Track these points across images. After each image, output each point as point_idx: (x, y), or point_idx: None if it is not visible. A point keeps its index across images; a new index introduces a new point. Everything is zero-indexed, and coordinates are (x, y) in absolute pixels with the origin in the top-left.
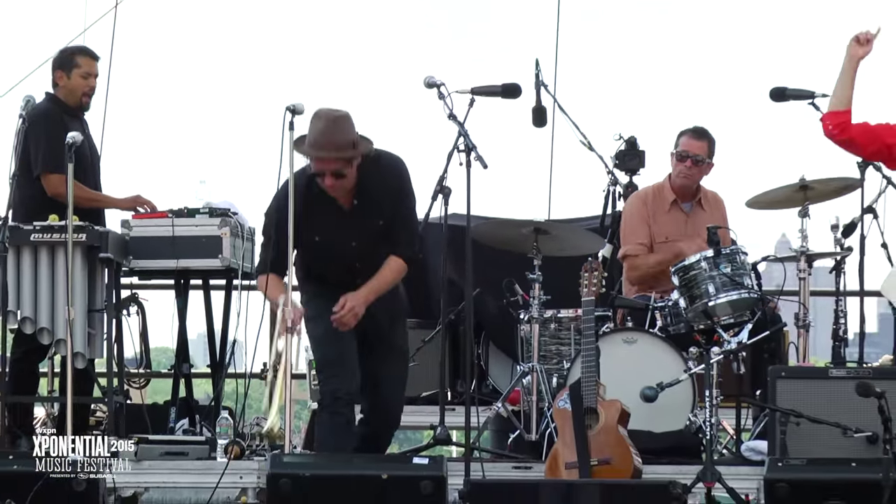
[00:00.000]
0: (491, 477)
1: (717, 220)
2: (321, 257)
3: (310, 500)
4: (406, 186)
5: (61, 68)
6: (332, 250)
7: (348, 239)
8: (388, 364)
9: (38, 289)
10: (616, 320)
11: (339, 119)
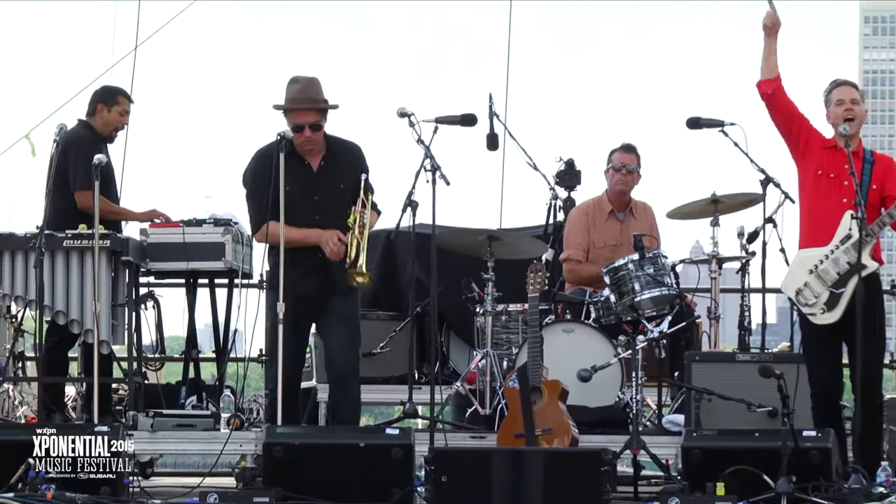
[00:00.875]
0: (452, 445)
1: (647, 226)
2: (289, 206)
3: (299, 464)
4: (364, 163)
5: (103, 102)
6: (298, 200)
7: (312, 193)
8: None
9: (69, 287)
10: (557, 313)
11: (313, 80)
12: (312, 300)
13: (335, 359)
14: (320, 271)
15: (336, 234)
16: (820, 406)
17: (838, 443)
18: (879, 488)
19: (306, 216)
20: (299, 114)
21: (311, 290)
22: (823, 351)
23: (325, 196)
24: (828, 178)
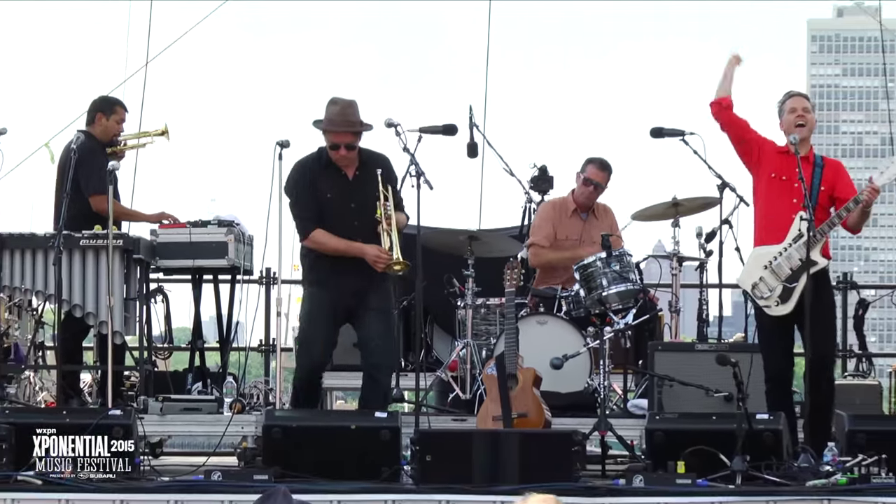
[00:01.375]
0: (435, 427)
1: (607, 226)
2: (329, 213)
3: (295, 445)
4: (393, 172)
5: (102, 111)
6: (337, 208)
7: (349, 200)
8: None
9: (85, 282)
10: (531, 307)
11: (352, 104)
12: (351, 295)
13: (374, 350)
14: (358, 269)
15: (376, 249)
16: (773, 391)
17: (789, 425)
18: (826, 467)
19: (346, 221)
20: (337, 134)
21: (349, 286)
22: (777, 340)
23: (360, 202)
24: (780, 181)
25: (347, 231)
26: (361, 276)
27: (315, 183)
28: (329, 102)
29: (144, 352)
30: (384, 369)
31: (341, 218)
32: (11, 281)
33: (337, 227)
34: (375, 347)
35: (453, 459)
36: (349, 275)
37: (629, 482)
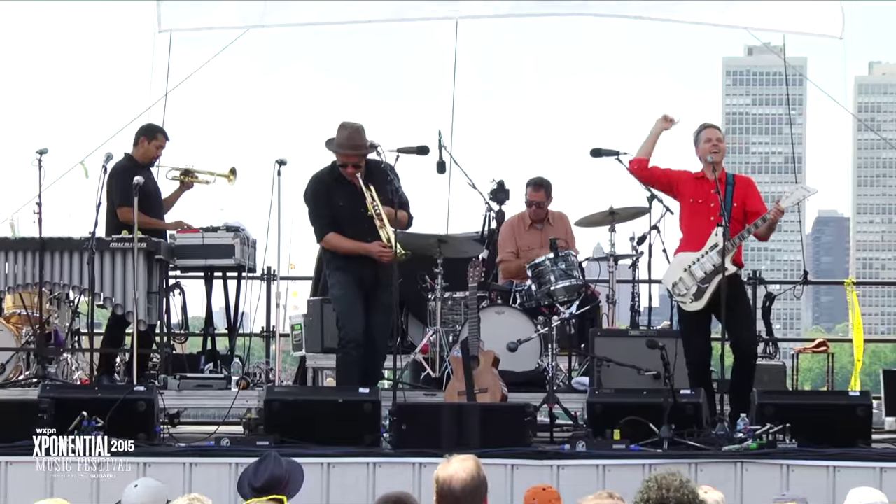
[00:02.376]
0: (410, 401)
1: (562, 231)
2: (344, 218)
3: (292, 416)
4: (392, 174)
5: (146, 135)
6: (349, 213)
7: (359, 206)
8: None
9: (114, 279)
10: (491, 299)
11: (359, 129)
12: (366, 281)
13: (375, 338)
14: (369, 262)
15: (378, 245)
16: (694, 371)
17: (707, 399)
18: (739, 434)
19: (358, 224)
20: (346, 156)
21: (365, 274)
22: (695, 329)
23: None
24: (698, 203)
25: (361, 232)
26: (372, 270)
27: (329, 194)
28: (340, 127)
29: (164, 337)
30: (380, 356)
31: (354, 221)
32: (52, 277)
33: (351, 229)
34: (377, 336)
35: (425, 428)
36: (363, 265)
37: (573, 447)
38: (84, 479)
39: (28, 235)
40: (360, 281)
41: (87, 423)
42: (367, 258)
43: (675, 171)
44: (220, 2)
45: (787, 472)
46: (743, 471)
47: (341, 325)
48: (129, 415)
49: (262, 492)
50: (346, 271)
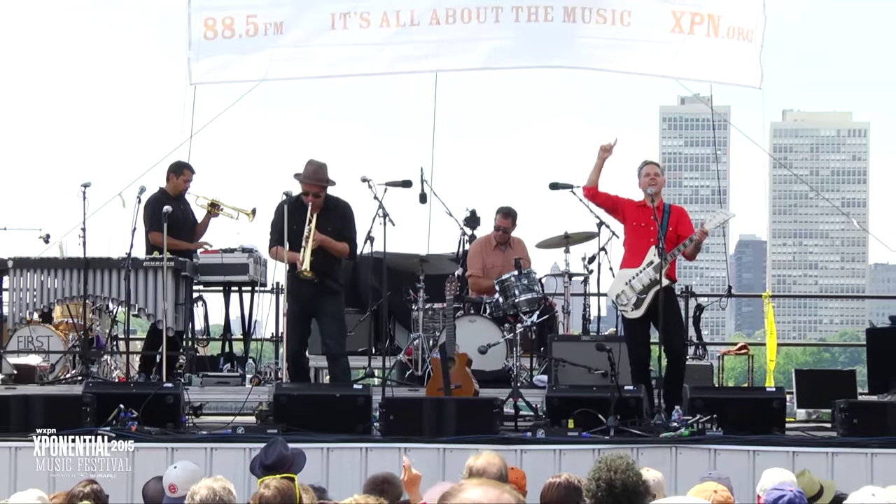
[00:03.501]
0: (397, 395)
1: (521, 253)
2: (292, 237)
3: (297, 408)
4: (349, 214)
5: (174, 172)
6: (296, 235)
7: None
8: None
9: (147, 292)
10: (465, 310)
11: (322, 166)
12: (310, 301)
13: (329, 344)
14: (312, 282)
15: (294, 258)
16: (636, 370)
17: (647, 394)
18: (673, 423)
19: (300, 244)
20: (308, 185)
21: (307, 295)
22: (637, 335)
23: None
24: (640, 227)
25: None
26: (313, 288)
27: (288, 214)
28: (307, 163)
29: (189, 341)
30: (338, 357)
31: (298, 242)
32: (94, 291)
33: (294, 247)
34: (331, 345)
35: (409, 418)
36: (302, 284)
37: (534, 434)
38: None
39: (74, 256)
40: (302, 300)
41: (123, 414)
42: (309, 282)
43: (621, 198)
44: (237, 59)
45: (713, 455)
46: (677, 454)
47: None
48: (159, 407)
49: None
50: (291, 294)
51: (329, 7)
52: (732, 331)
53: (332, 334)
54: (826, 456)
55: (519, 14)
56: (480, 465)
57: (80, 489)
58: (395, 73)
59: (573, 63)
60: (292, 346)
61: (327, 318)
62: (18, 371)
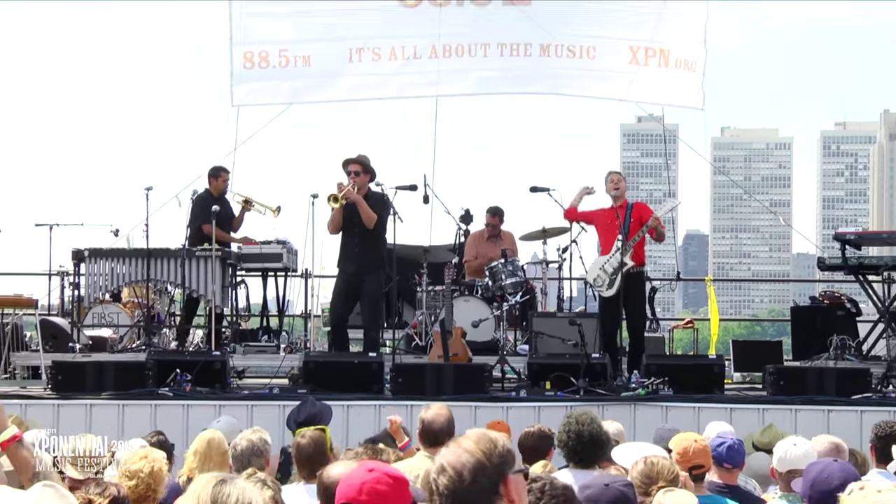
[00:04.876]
0: (404, 362)
1: (509, 244)
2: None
3: (322, 372)
4: (382, 200)
5: (213, 176)
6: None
7: (353, 214)
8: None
9: (199, 277)
10: (461, 291)
11: (364, 155)
12: (354, 276)
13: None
14: (355, 261)
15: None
16: (606, 341)
17: (611, 360)
18: (632, 385)
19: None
20: (353, 165)
21: (350, 270)
22: (608, 311)
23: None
24: (609, 224)
25: (349, 230)
26: (353, 266)
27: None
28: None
29: (233, 317)
30: (368, 331)
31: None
32: (155, 275)
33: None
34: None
35: (414, 380)
36: (347, 261)
37: (517, 394)
38: (175, 415)
39: (139, 246)
40: (345, 279)
41: (179, 377)
42: (351, 254)
43: (593, 211)
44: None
45: (665, 411)
46: (635, 410)
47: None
48: (209, 371)
49: (303, 424)
50: (339, 272)
51: (347, 44)
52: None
53: (368, 310)
54: (758, 412)
55: (503, 50)
56: (430, 415)
57: (149, 439)
58: (403, 98)
59: (548, 90)
60: (333, 318)
61: (365, 298)
62: (93, 342)
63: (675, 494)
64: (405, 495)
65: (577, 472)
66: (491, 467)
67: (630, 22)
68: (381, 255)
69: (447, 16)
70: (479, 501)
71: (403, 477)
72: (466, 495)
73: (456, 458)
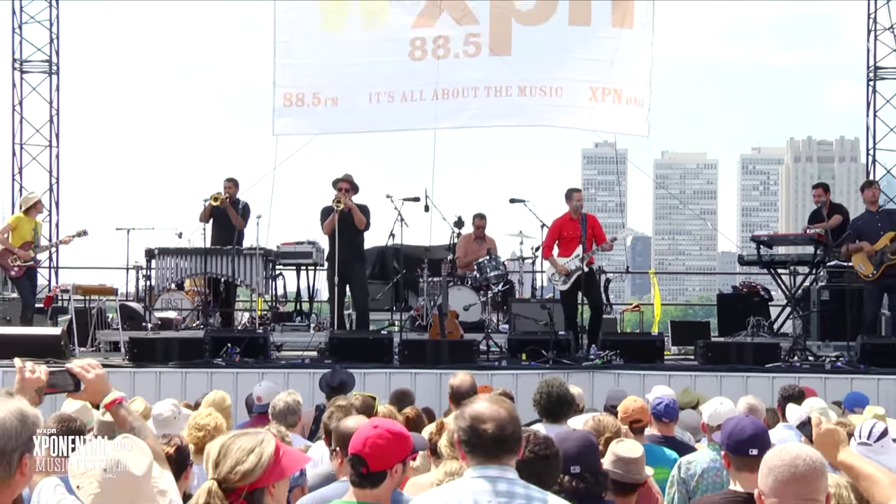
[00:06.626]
0: (409, 338)
1: (491, 244)
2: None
3: (344, 346)
4: (367, 209)
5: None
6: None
7: (346, 219)
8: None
9: (245, 270)
10: (454, 281)
11: (349, 175)
12: (343, 266)
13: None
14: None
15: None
16: (568, 322)
17: (574, 337)
18: (591, 356)
19: (342, 227)
20: (342, 183)
21: (340, 262)
22: (567, 300)
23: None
24: (569, 232)
25: (340, 231)
26: (343, 259)
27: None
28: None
29: (273, 301)
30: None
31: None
32: (211, 269)
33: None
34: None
35: (418, 353)
36: (339, 255)
37: (499, 363)
38: (227, 380)
39: (198, 246)
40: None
41: (230, 350)
42: (341, 251)
43: (556, 226)
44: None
45: (617, 378)
46: (593, 376)
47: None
48: (254, 345)
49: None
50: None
51: (367, 89)
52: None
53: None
54: (691, 377)
55: (489, 92)
56: (457, 382)
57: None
58: (410, 130)
59: (525, 123)
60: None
61: (354, 284)
62: (161, 322)
63: (624, 443)
64: (403, 447)
65: (548, 426)
66: (517, 427)
67: (590, 67)
68: (362, 252)
69: (445, 66)
70: (508, 452)
71: (403, 432)
72: (504, 445)
73: (496, 413)
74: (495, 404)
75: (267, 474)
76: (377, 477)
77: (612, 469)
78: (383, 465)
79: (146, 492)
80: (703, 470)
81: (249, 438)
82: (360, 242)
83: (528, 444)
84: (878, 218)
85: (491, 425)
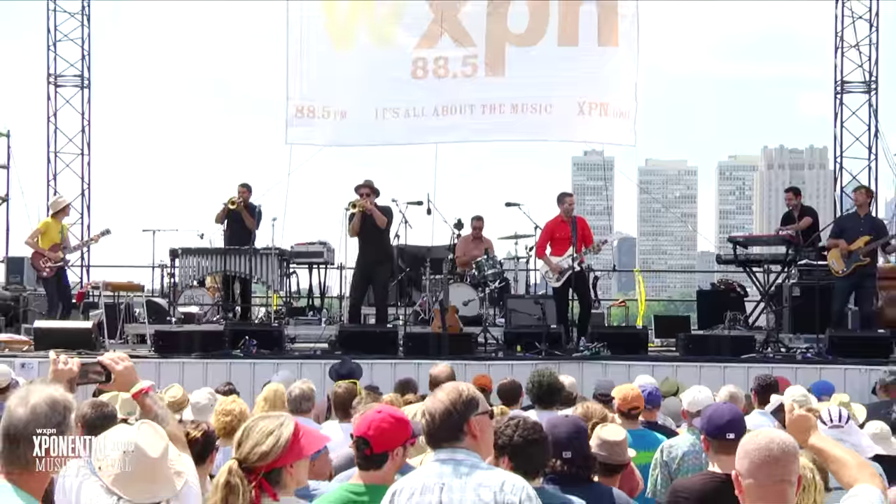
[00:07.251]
0: (413, 332)
1: (488, 245)
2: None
3: (353, 339)
4: (388, 210)
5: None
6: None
7: (369, 221)
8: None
9: (262, 268)
10: (454, 279)
11: (370, 180)
12: (368, 268)
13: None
14: (367, 255)
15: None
16: (559, 317)
17: (565, 330)
18: (581, 348)
19: (366, 228)
20: (362, 188)
21: (365, 262)
22: (560, 296)
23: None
24: (561, 234)
25: (365, 232)
26: (370, 259)
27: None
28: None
29: (288, 297)
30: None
31: (365, 227)
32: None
33: (363, 236)
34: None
35: (421, 345)
36: (365, 255)
37: (496, 355)
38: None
39: (218, 246)
40: (361, 269)
41: (248, 342)
42: (368, 251)
43: (549, 228)
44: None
45: (605, 367)
46: (583, 367)
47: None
48: (270, 338)
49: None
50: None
51: (373, 105)
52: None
53: (377, 294)
54: (672, 368)
55: (485, 109)
56: (436, 371)
57: (222, 388)
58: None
59: (518, 138)
60: (352, 299)
61: (376, 284)
62: (185, 316)
63: (608, 427)
64: (404, 431)
65: (540, 412)
66: (455, 412)
67: (578, 84)
68: (388, 251)
69: (445, 85)
70: (448, 437)
71: (404, 418)
72: (438, 433)
73: (431, 405)
74: (435, 397)
75: (285, 455)
76: (380, 458)
77: (598, 452)
78: (386, 447)
79: (162, 472)
80: (683, 453)
81: (270, 421)
82: (385, 242)
83: (518, 430)
84: (863, 222)
85: (427, 418)
